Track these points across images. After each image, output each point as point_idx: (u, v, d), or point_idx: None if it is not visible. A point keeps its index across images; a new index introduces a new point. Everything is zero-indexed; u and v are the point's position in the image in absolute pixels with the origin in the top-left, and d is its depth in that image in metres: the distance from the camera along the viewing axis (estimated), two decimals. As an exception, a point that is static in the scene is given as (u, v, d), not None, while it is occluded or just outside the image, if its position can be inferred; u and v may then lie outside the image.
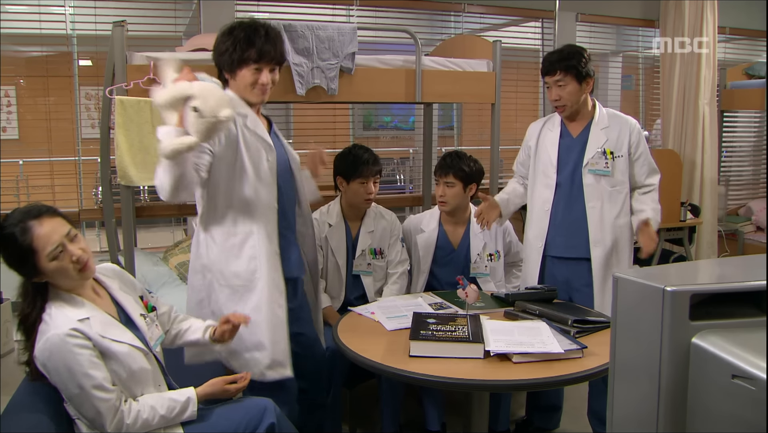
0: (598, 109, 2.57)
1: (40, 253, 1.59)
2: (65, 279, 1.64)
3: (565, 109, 2.52)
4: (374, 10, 4.45)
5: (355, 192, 2.68)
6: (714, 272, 1.34)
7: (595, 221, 2.51)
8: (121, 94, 2.46)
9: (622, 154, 2.51)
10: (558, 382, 1.97)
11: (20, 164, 5.13)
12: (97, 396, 1.57)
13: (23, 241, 1.58)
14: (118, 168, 2.48)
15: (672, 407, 0.99)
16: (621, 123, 2.55)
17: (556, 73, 2.46)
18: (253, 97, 2.04)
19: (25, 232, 1.58)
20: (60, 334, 1.55)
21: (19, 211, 1.63)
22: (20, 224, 1.59)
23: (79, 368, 1.55)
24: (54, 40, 3.82)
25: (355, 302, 2.64)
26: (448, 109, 5.74)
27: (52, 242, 1.59)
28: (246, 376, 1.88)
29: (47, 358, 1.56)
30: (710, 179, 4.92)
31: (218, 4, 3.92)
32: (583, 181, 2.52)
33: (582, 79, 2.47)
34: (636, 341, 1.04)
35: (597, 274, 2.51)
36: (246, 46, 1.99)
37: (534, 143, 2.67)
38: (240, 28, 2.02)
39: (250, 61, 2.00)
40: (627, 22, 5.29)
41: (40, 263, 1.59)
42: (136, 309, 1.80)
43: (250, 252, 2.01)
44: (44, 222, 1.61)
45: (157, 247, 3.99)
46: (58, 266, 1.60)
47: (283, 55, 2.11)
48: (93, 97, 4.39)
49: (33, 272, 1.61)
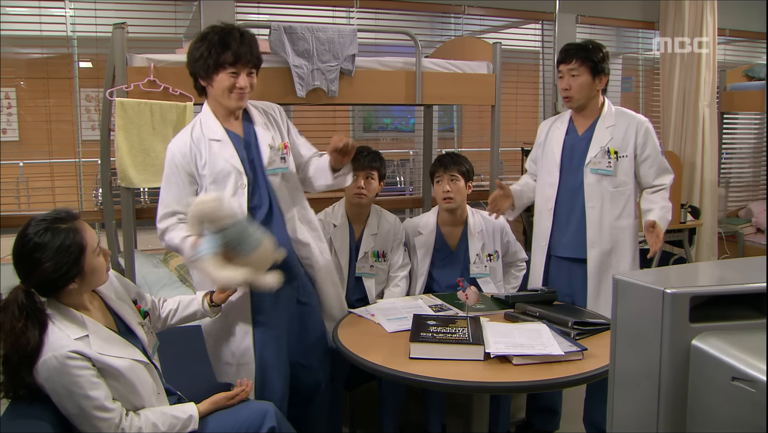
0: (607, 106, 2.54)
1: (88, 250, 1.60)
2: (94, 280, 1.65)
3: (572, 101, 2.50)
4: (374, 12, 4.44)
5: (348, 187, 2.69)
6: (714, 274, 1.34)
7: (593, 221, 2.49)
8: (122, 96, 2.46)
9: (627, 154, 2.47)
10: (558, 384, 1.97)
11: (20, 166, 5.12)
12: (98, 416, 1.56)
13: (76, 240, 1.58)
14: (119, 170, 2.48)
15: (672, 409, 0.99)
16: (628, 121, 2.50)
17: (572, 61, 2.45)
18: (231, 102, 2.03)
19: (77, 230, 1.60)
20: (59, 357, 1.52)
21: (58, 212, 1.62)
22: (70, 221, 1.59)
23: (79, 390, 1.53)
24: (54, 42, 3.82)
25: (356, 304, 2.64)
26: (448, 111, 5.74)
27: (95, 238, 1.63)
28: (246, 386, 1.88)
29: (45, 379, 1.54)
30: (710, 181, 4.92)
31: (218, 5, 3.92)
32: (584, 180, 2.50)
33: (596, 74, 2.46)
34: (636, 344, 1.04)
35: (592, 275, 2.50)
36: (221, 49, 1.97)
37: (542, 140, 2.66)
38: (213, 32, 2.00)
39: (226, 64, 1.98)
40: (627, 24, 5.29)
41: (87, 261, 1.60)
42: (134, 318, 1.79)
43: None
44: (83, 222, 1.64)
45: (158, 249, 3.98)
46: (99, 264, 1.63)
47: (259, 58, 2.08)
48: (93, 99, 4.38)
49: (77, 274, 1.59)
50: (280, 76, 2.68)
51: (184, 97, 2.53)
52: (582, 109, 2.53)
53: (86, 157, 3.91)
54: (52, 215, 1.61)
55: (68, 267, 1.57)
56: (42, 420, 1.57)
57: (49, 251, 1.55)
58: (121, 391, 1.62)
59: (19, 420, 1.58)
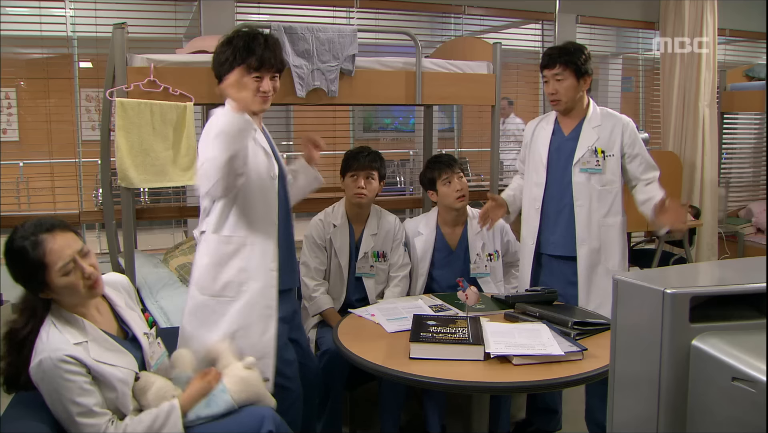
0: (592, 107, 2.57)
1: (51, 268, 1.56)
2: (72, 296, 1.61)
3: (560, 104, 2.53)
4: (374, 12, 4.44)
5: (348, 187, 2.71)
6: (714, 274, 1.34)
7: (582, 219, 2.51)
8: (122, 96, 2.46)
9: (614, 153, 2.51)
10: (558, 384, 1.96)
11: (20, 166, 5.13)
12: (82, 423, 1.55)
13: (35, 255, 1.55)
14: (119, 170, 2.48)
15: (672, 410, 0.99)
16: (614, 122, 2.54)
17: (555, 66, 2.48)
18: (255, 105, 2.04)
19: (37, 246, 1.56)
20: (54, 359, 1.52)
21: (31, 224, 1.60)
22: (32, 237, 1.56)
23: (68, 394, 1.54)
24: (54, 42, 3.82)
25: (356, 304, 2.64)
26: (449, 111, 5.74)
27: (64, 256, 1.57)
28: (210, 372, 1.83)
29: (40, 379, 1.55)
30: (710, 181, 4.91)
31: (218, 6, 3.92)
32: (573, 179, 2.52)
33: (580, 76, 2.49)
34: (636, 344, 1.04)
35: (582, 272, 2.52)
36: (246, 54, 1.98)
37: (529, 141, 2.69)
38: (239, 36, 2.01)
39: (251, 69, 2.00)
40: (627, 24, 5.29)
41: (51, 278, 1.56)
42: (140, 326, 1.79)
43: (239, 264, 2.01)
44: (57, 236, 1.58)
45: (158, 249, 3.99)
46: (68, 282, 1.58)
47: (283, 63, 2.12)
48: (93, 99, 4.39)
49: (40, 287, 1.58)
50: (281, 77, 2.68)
51: (184, 97, 2.53)
52: (569, 111, 2.55)
53: (86, 158, 3.91)
54: (36, 223, 1.60)
55: (27, 278, 1.58)
56: (42, 421, 1.58)
57: (12, 257, 1.57)
58: (114, 399, 1.62)
59: (19, 420, 1.59)
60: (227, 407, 1.74)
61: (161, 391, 1.71)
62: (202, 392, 1.75)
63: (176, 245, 3.48)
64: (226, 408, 1.74)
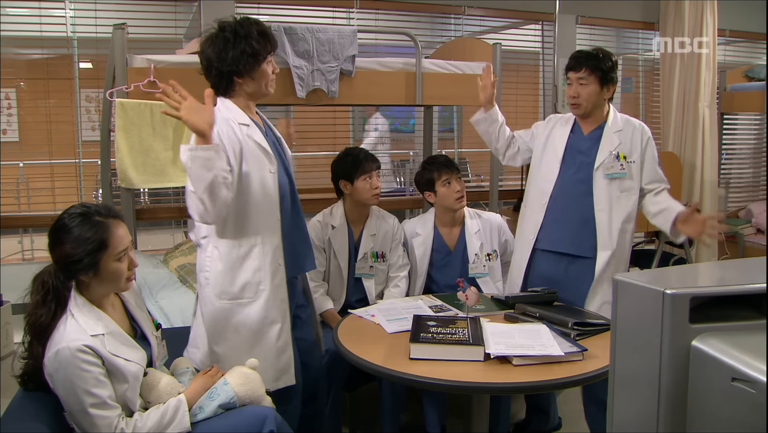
0: (613, 113, 2.54)
1: (110, 250, 1.62)
2: (112, 283, 1.67)
3: (579, 108, 2.50)
4: (374, 13, 4.45)
5: (362, 189, 2.67)
6: (714, 275, 1.34)
7: (603, 224, 2.48)
8: (122, 97, 2.46)
9: (634, 159, 2.49)
10: (558, 385, 1.97)
11: (20, 167, 5.13)
12: (96, 414, 1.57)
13: (104, 235, 1.62)
14: (119, 170, 2.48)
15: (672, 410, 0.99)
16: (634, 128, 2.52)
17: (581, 70, 2.45)
18: (271, 88, 2.06)
19: (108, 227, 1.63)
20: (71, 348, 1.55)
21: (101, 206, 1.68)
22: (106, 218, 1.64)
23: (83, 385, 1.55)
24: (54, 43, 3.82)
25: (356, 305, 2.64)
26: (449, 112, 5.74)
27: (124, 243, 1.65)
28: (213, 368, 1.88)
29: (55, 369, 1.57)
30: (710, 182, 4.92)
31: (218, 6, 3.92)
32: (594, 183, 2.49)
33: (605, 83, 2.46)
34: (636, 344, 1.04)
35: (599, 276, 2.50)
36: (264, 41, 1.98)
37: (545, 135, 2.64)
38: (240, 26, 1.96)
39: (268, 53, 2.01)
40: (627, 25, 5.30)
41: (105, 260, 1.62)
42: (149, 326, 1.82)
43: (254, 264, 2.00)
44: (120, 223, 1.67)
45: (158, 249, 4.00)
46: (117, 268, 1.65)
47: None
48: (93, 99, 4.38)
49: (87, 268, 1.62)
50: (280, 76, 2.66)
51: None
52: (588, 116, 2.54)
53: (86, 158, 3.91)
54: (95, 206, 1.67)
55: (81, 257, 1.60)
56: (42, 421, 1.58)
57: (70, 235, 1.61)
58: (125, 394, 1.64)
59: (19, 420, 1.59)
60: (228, 397, 1.76)
61: (168, 387, 1.74)
62: (205, 386, 1.80)
63: (176, 245, 3.48)
64: (227, 399, 1.76)
